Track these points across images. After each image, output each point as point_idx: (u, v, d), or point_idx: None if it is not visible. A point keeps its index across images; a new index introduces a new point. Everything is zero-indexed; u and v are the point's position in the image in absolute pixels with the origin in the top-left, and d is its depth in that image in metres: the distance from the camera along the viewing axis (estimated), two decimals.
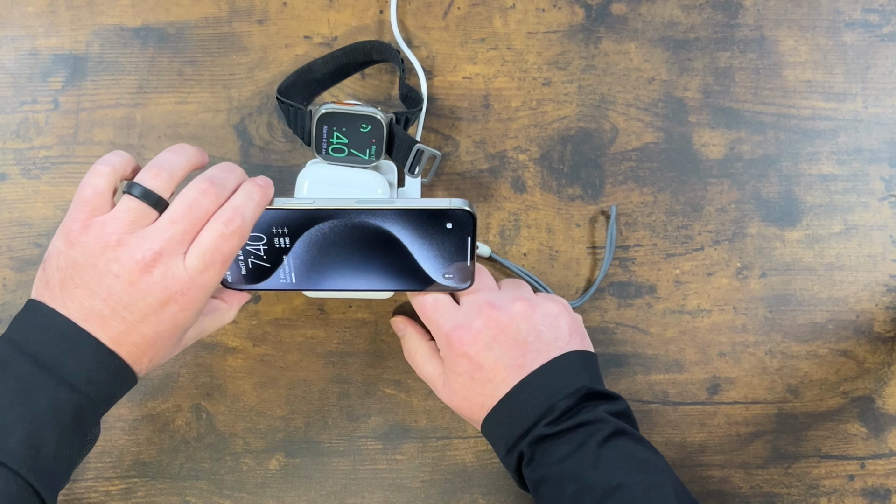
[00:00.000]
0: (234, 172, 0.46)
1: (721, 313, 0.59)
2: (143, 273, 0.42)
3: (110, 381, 0.43)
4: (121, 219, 0.43)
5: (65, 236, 0.43)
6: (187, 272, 0.43)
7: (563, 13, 0.61)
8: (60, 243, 0.43)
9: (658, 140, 0.60)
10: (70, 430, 0.42)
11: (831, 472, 0.59)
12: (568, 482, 0.46)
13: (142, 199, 0.43)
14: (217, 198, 0.44)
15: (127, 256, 0.42)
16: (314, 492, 0.58)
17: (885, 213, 0.60)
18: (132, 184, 0.43)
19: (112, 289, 0.42)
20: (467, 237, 0.48)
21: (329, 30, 0.60)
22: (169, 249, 0.42)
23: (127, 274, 0.42)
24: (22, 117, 0.59)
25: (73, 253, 0.43)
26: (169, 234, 0.42)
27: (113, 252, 0.42)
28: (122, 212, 0.43)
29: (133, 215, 0.43)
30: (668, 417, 0.59)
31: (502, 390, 0.49)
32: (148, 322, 0.43)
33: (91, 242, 0.42)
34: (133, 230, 0.43)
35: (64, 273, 0.43)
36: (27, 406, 0.41)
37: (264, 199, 0.46)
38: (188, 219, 0.43)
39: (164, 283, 0.42)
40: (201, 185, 0.44)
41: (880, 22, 0.61)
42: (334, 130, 0.52)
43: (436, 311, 0.52)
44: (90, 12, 0.60)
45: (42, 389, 0.41)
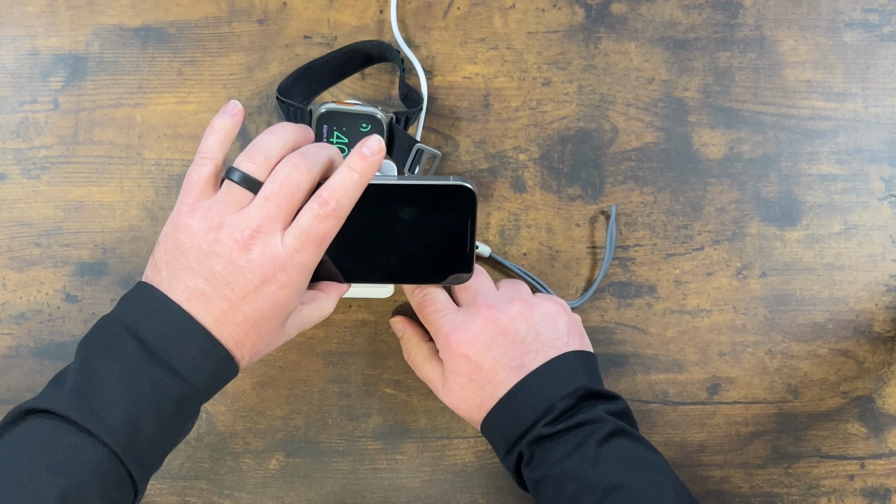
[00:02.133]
0: (327, 148, 0.47)
1: (721, 313, 0.59)
2: (242, 251, 0.43)
3: (213, 370, 0.44)
4: (222, 202, 0.44)
5: (174, 221, 0.45)
6: (285, 250, 0.44)
7: (563, 13, 0.61)
8: (170, 228, 0.45)
9: (658, 140, 0.60)
10: (170, 416, 0.43)
11: (831, 472, 0.59)
12: (567, 482, 0.46)
13: (240, 183, 0.44)
14: (308, 171, 0.44)
15: (227, 236, 0.43)
16: (314, 492, 0.58)
17: (884, 213, 0.60)
18: (231, 169, 0.45)
19: (214, 268, 0.43)
20: (467, 218, 0.48)
21: (329, 30, 0.60)
22: (266, 227, 0.44)
23: (227, 252, 0.43)
24: (22, 117, 0.59)
25: (179, 236, 0.44)
26: (264, 212, 0.44)
27: (216, 233, 0.44)
28: (223, 195, 0.44)
29: (234, 198, 0.44)
30: (668, 417, 0.59)
31: (501, 391, 0.49)
32: (249, 300, 0.44)
33: (196, 225, 0.44)
34: (234, 211, 0.44)
35: (171, 255, 0.44)
36: (131, 388, 0.42)
37: (367, 173, 0.45)
38: (280, 195, 0.44)
39: (263, 260, 0.43)
40: (292, 159, 0.45)
41: (880, 22, 0.61)
42: (334, 130, 0.52)
43: (435, 311, 0.52)
44: (90, 12, 0.60)
45: (147, 373, 0.43)
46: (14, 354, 0.58)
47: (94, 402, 0.42)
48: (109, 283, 0.58)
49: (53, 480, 0.40)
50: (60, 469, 0.41)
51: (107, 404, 0.42)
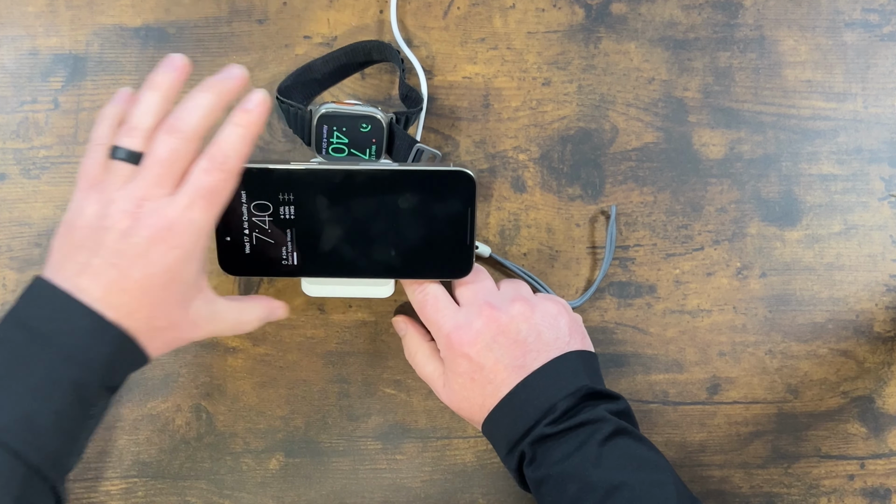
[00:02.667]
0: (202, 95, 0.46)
1: (721, 313, 0.59)
2: (130, 219, 0.43)
3: (107, 349, 0.43)
4: (110, 181, 0.44)
5: (69, 210, 0.45)
6: (173, 209, 0.43)
7: (563, 13, 0.61)
8: (66, 216, 0.45)
9: (658, 140, 0.60)
10: (69, 404, 0.42)
11: (831, 472, 0.59)
12: (569, 481, 0.46)
13: (123, 159, 0.44)
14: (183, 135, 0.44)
15: (115, 209, 0.43)
16: (314, 492, 0.58)
17: (885, 213, 0.60)
18: (114, 148, 0.45)
19: (104, 241, 0.43)
20: (467, 206, 0.48)
21: (329, 30, 0.60)
22: (151, 193, 0.44)
23: (116, 224, 0.43)
24: (22, 117, 0.59)
25: (74, 220, 0.44)
26: (146, 181, 0.44)
27: (105, 209, 0.44)
28: (112, 175, 0.44)
29: (119, 175, 0.44)
30: (668, 417, 0.59)
31: (503, 391, 0.49)
32: (137, 265, 0.43)
33: (88, 208, 0.44)
34: (123, 185, 0.44)
35: (64, 239, 0.45)
36: (22, 379, 0.41)
37: (252, 126, 0.45)
38: (160, 162, 0.44)
39: (149, 221, 0.43)
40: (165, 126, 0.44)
41: (880, 22, 0.61)
42: (334, 130, 0.52)
43: (436, 311, 0.52)
44: (90, 12, 0.60)
45: (37, 361, 0.41)
46: None
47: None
48: None
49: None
50: None
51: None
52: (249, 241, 0.50)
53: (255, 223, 0.49)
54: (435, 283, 0.53)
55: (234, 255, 0.50)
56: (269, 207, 0.49)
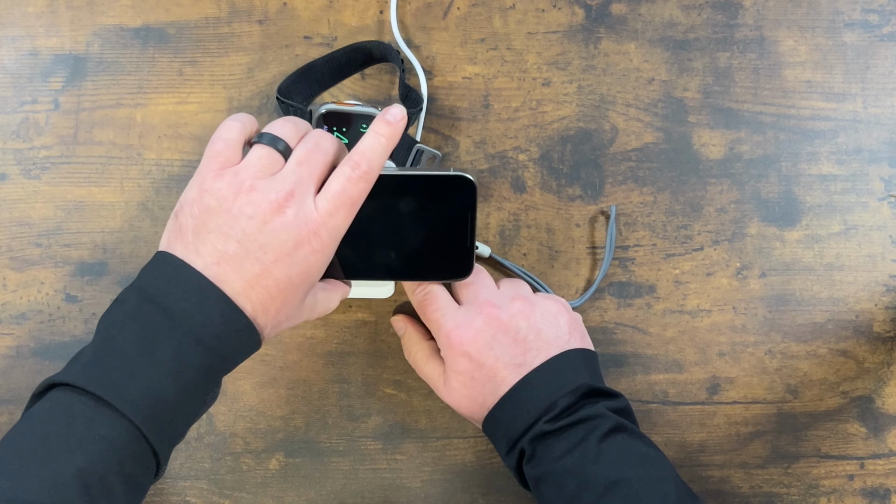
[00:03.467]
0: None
1: (721, 313, 0.59)
2: (276, 213, 0.43)
3: (235, 338, 0.43)
4: (253, 165, 0.44)
5: (198, 185, 0.44)
6: (319, 213, 0.44)
7: (563, 13, 0.61)
8: (193, 192, 0.44)
9: (658, 140, 0.60)
10: (192, 385, 0.42)
11: (831, 472, 0.59)
12: (569, 478, 0.46)
13: (270, 146, 0.44)
14: (334, 142, 0.45)
15: (260, 198, 0.43)
16: (314, 492, 0.58)
17: (884, 213, 0.60)
18: (262, 133, 0.44)
19: (247, 230, 0.42)
20: (468, 211, 0.48)
21: (329, 30, 0.60)
22: (300, 190, 0.43)
23: (261, 214, 0.42)
24: (22, 117, 0.59)
25: (206, 199, 0.43)
26: (297, 176, 0.43)
27: (247, 196, 0.43)
28: (253, 159, 0.44)
29: (264, 162, 0.44)
30: (667, 417, 0.59)
31: (503, 389, 0.49)
32: (281, 263, 0.43)
33: (224, 188, 0.43)
34: (264, 175, 0.43)
35: (198, 220, 0.43)
36: (151, 357, 0.41)
37: (392, 138, 0.45)
38: (313, 160, 0.44)
39: (297, 222, 0.43)
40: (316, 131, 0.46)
41: (880, 22, 0.61)
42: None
43: (436, 310, 0.52)
44: (90, 12, 0.60)
45: (168, 341, 0.41)
46: (14, 354, 0.58)
47: (113, 372, 0.40)
48: (109, 283, 0.58)
49: (70, 458, 0.39)
50: (77, 445, 0.39)
51: (126, 374, 0.40)
52: None
53: None
54: (435, 283, 0.53)
55: None
56: None
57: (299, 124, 0.46)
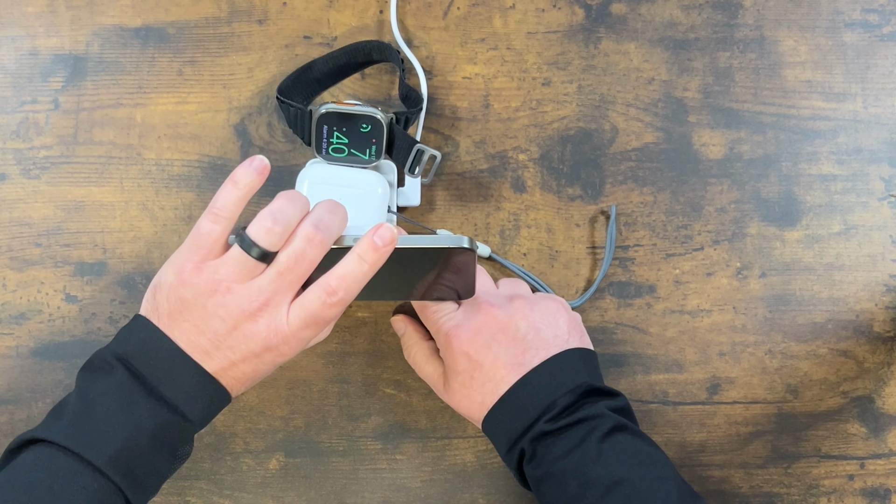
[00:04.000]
0: (339, 213, 0.46)
1: (721, 313, 0.59)
2: (248, 320, 0.44)
3: (207, 403, 0.45)
4: (233, 268, 0.44)
5: (177, 273, 0.45)
6: (289, 327, 0.45)
7: (563, 13, 0.61)
8: (172, 277, 0.45)
9: (658, 140, 0.60)
10: (165, 445, 0.45)
11: (831, 472, 0.59)
12: (570, 478, 0.46)
13: (255, 257, 0.44)
14: (322, 246, 0.45)
15: (234, 304, 0.44)
16: (314, 492, 0.58)
17: (884, 213, 0.60)
18: (246, 238, 0.44)
19: (218, 331, 0.44)
20: (469, 267, 0.48)
21: (329, 30, 0.60)
22: (275, 300, 0.44)
23: (233, 319, 0.44)
24: (22, 117, 0.59)
25: (183, 291, 0.44)
26: (276, 286, 0.44)
27: (222, 297, 0.44)
28: (234, 261, 0.44)
29: (245, 268, 0.44)
30: (667, 417, 0.59)
31: (502, 388, 0.49)
32: (248, 362, 0.45)
33: (202, 285, 0.44)
34: (242, 279, 0.44)
35: (173, 306, 0.45)
36: (128, 418, 0.43)
37: (375, 266, 0.45)
38: (295, 271, 0.44)
39: (267, 332, 0.44)
40: (307, 231, 0.44)
41: (880, 22, 0.61)
42: (334, 130, 0.52)
43: (435, 310, 0.52)
44: (90, 12, 0.60)
45: (143, 404, 0.44)
46: (14, 354, 0.58)
47: (92, 432, 0.43)
48: (109, 283, 0.58)
49: None
50: (61, 492, 0.42)
51: (104, 434, 0.43)
52: None
53: None
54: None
55: None
56: None
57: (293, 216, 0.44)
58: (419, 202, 0.58)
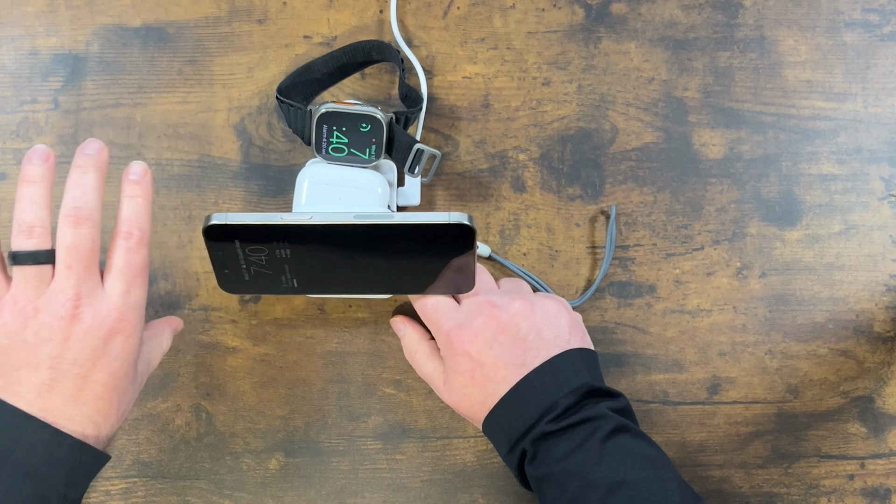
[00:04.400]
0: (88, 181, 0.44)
1: (721, 313, 0.59)
2: (72, 324, 0.42)
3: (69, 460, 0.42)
4: (24, 289, 0.42)
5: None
6: (113, 298, 0.43)
7: (563, 13, 0.61)
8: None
9: (658, 140, 0.60)
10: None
11: (831, 472, 0.59)
12: (571, 479, 0.46)
13: (31, 263, 0.42)
14: (90, 220, 0.43)
15: (48, 318, 0.42)
16: (314, 492, 0.58)
17: (885, 213, 0.60)
18: (13, 254, 0.42)
19: (52, 354, 0.42)
20: (468, 249, 0.48)
21: (329, 30, 0.60)
22: (84, 290, 0.42)
23: (58, 333, 0.42)
24: (22, 117, 0.59)
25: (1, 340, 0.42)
26: (73, 279, 0.42)
27: (35, 321, 0.42)
28: (21, 282, 0.42)
29: (32, 280, 0.42)
30: (668, 417, 0.59)
31: (503, 389, 0.49)
32: (99, 366, 0.43)
33: (10, 323, 0.42)
34: (40, 293, 0.42)
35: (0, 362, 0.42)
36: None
37: (147, 195, 0.45)
38: (79, 258, 0.43)
39: (98, 320, 0.42)
40: (70, 216, 0.43)
41: (880, 22, 0.61)
42: (334, 130, 0.52)
43: (436, 310, 0.52)
44: (90, 12, 0.60)
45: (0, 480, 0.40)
46: None
47: None
48: None
49: None
50: None
51: None
52: (247, 271, 0.49)
53: (252, 260, 0.48)
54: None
55: (233, 281, 0.50)
56: (265, 251, 0.48)
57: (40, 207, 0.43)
58: (419, 202, 0.58)
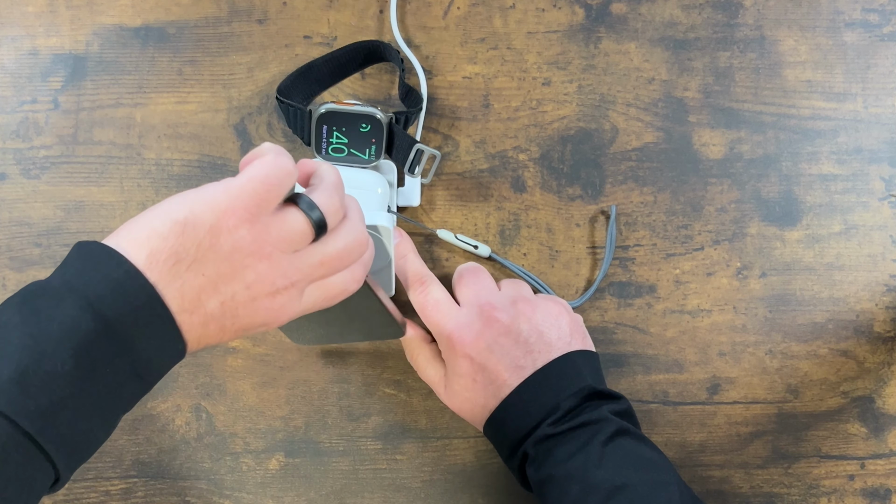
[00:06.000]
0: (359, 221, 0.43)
1: (721, 313, 0.59)
2: (268, 296, 0.39)
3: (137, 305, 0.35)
4: (286, 232, 0.39)
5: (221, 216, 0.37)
6: (300, 306, 0.41)
7: (563, 13, 0.61)
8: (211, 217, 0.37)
9: (658, 140, 0.60)
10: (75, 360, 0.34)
11: (831, 472, 0.59)
12: (572, 482, 0.46)
13: (314, 226, 0.40)
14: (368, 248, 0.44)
15: (267, 274, 0.39)
16: (314, 492, 0.58)
17: (885, 213, 0.60)
18: (309, 202, 0.40)
19: (235, 296, 0.38)
20: None
21: (329, 30, 0.60)
22: (302, 284, 0.41)
23: (256, 291, 0.39)
24: (22, 117, 0.59)
25: (223, 240, 0.37)
26: (311, 272, 0.41)
27: (259, 262, 0.38)
28: (289, 224, 0.39)
29: (297, 235, 0.39)
30: (668, 417, 0.59)
31: (505, 391, 0.49)
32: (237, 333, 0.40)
33: (248, 240, 0.38)
34: (288, 249, 0.39)
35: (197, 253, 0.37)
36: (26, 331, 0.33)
37: None
38: (335, 266, 0.41)
39: (279, 311, 0.40)
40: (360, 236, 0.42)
41: (880, 22, 0.61)
42: (334, 130, 0.52)
43: (437, 312, 0.52)
44: (90, 12, 0.60)
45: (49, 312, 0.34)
46: None
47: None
48: None
49: None
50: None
51: None
52: None
53: None
54: (436, 284, 0.53)
55: None
56: None
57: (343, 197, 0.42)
58: (419, 202, 0.58)
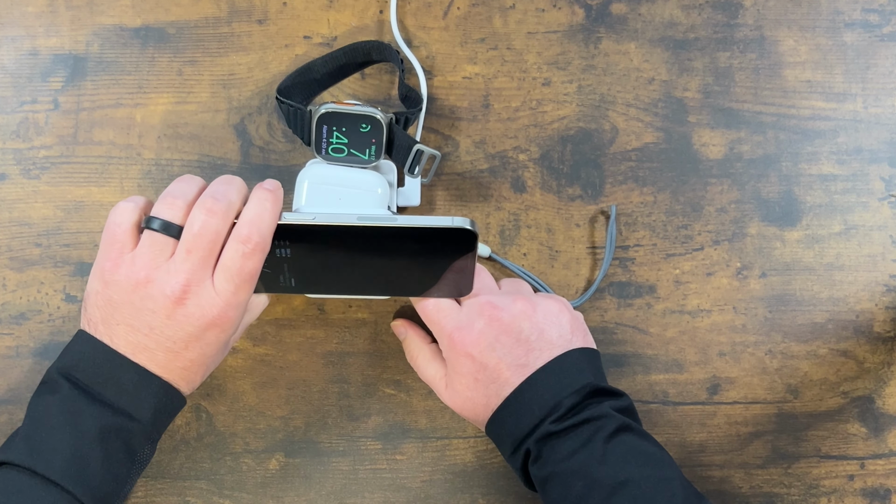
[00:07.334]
0: (234, 183, 0.47)
1: (721, 313, 0.59)
2: (176, 306, 0.44)
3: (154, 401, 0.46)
4: (145, 254, 0.45)
5: (99, 276, 0.45)
6: (220, 296, 0.45)
7: (563, 13, 0.61)
8: (96, 283, 0.46)
9: (658, 140, 0.60)
10: (118, 449, 0.45)
11: (831, 472, 0.59)
12: (575, 479, 0.46)
13: (161, 231, 0.45)
14: (224, 215, 0.45)
15: (158, 293, 0.44)
16: (314, 492, 0.58)
17: (885, 213, 0.60)
18: (150, 218, 0.45)
19: (152, 324, 0.44)
20: (469, 252, 0.48)
21: (329, 30, 0.60)
22: (194, 279, 0.44)
23: (162, 309, 0.44)
24: (22, 117, 0.59)
25: (108, 292, 0.45)
26: (189, 265, 0.44)
27: (144, 289, 0.44)
28: (145, 247, 0.45)
29: (157, 248, 0.45)
30: (668, 417, 0.59)
31: (506, 390, 0.49)
32: (192, 348, 0.45)
33: (123, 281, 0.44)
34: (158, 264, 0.44)
35: (104, 311, 0.45)
36: (74, 426, 0.44)
37: (276, 205, 0.46)
38: (201, 245, 0.44)
39: (200, 311, 0.45)
40: (206, 203, 0.45)
41: (880, 22, 0.61)
42: (334, 130, 0.52)
43: (437, 312, 0.52)
44: (90, 12, 0.60)
45: (87, 411, 0.44)
46: (14, 354, 0.58)
47: (42, 446, 0.43)
48: None
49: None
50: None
51: (53, 446, 0.43)
52: None
53: None
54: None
55: None
56: None
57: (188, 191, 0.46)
58: (419, 202, 0.58)
